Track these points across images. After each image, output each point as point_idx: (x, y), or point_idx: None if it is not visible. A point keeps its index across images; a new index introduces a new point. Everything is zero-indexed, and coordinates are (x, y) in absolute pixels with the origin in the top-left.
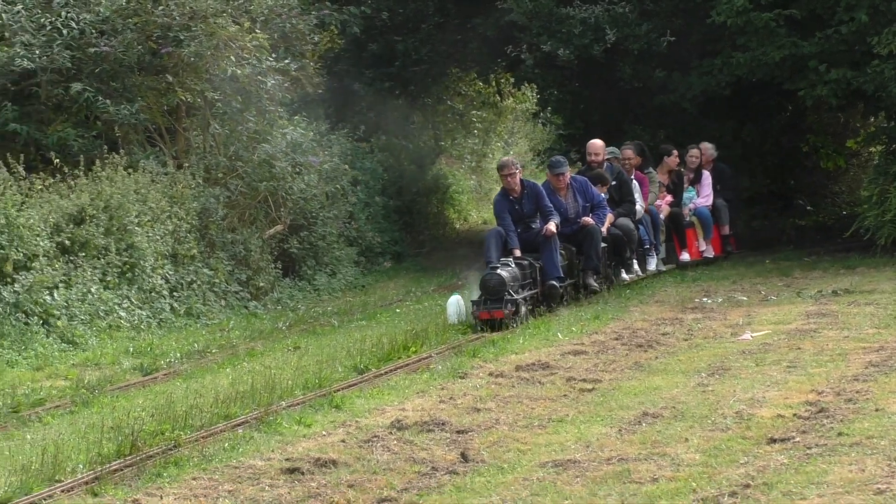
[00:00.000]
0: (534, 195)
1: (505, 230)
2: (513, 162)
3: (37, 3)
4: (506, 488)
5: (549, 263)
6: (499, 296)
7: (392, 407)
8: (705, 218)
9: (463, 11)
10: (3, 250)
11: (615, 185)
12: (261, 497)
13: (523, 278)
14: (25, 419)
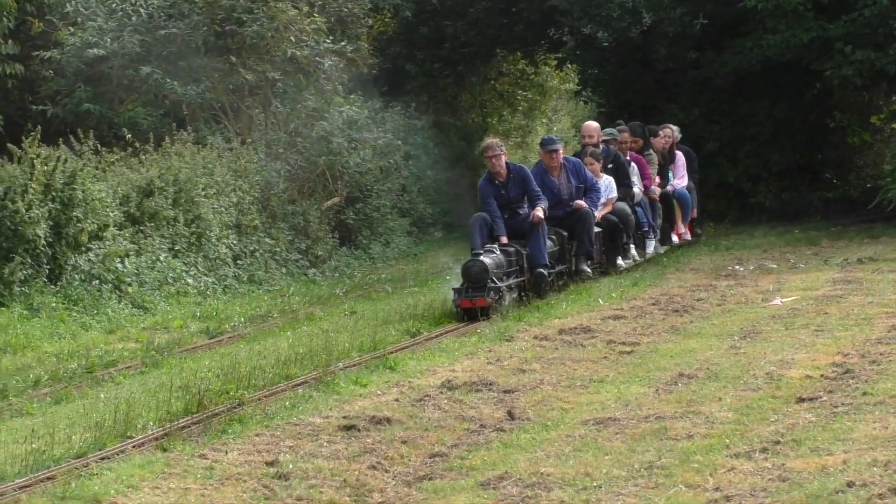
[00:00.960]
0: (520, 179)
1: (490, 216)
2: (497, 144)
3: None
4: (550, 444)
5: (537, 250)
6: (481, 283)
7: (442, 368)
8: (685, 199)
9: None
10: (79, 222)
11: (612, 167)
12: (319, 452)
13: (508, 266)
14: (99, 379)
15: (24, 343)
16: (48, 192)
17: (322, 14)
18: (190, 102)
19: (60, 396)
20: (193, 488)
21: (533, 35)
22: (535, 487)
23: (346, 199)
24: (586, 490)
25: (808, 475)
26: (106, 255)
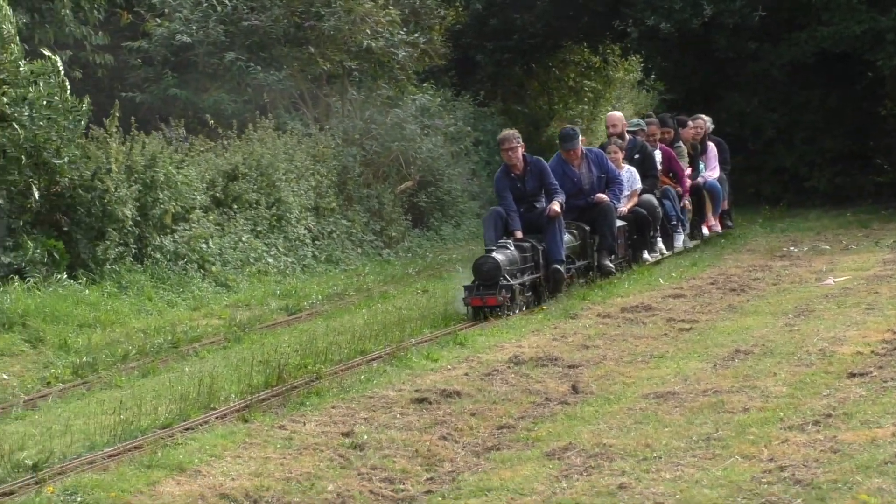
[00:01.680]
0: (538, 172)
1: (506, 210)
2: (514, 135)
3: None
4: (612, 417)
5: (553, 246)
6: (493, 281)
7: (510, 344)
8: (716, 191)
9: None
10: (164, 204)
11: (638, 159)
12: (393, 423)
13: (523, 262)
14: (184, 354)
15: (114, 319)
16: (130, 174)
17: (397, 6)
18: (271, 89)
19: (147, 370)
20: (273, 457)
21: (598, 26)
22: (598, 458)
23: (418, 183)
24: (646, 461)
25: (859, 447)
26: (191, 236)
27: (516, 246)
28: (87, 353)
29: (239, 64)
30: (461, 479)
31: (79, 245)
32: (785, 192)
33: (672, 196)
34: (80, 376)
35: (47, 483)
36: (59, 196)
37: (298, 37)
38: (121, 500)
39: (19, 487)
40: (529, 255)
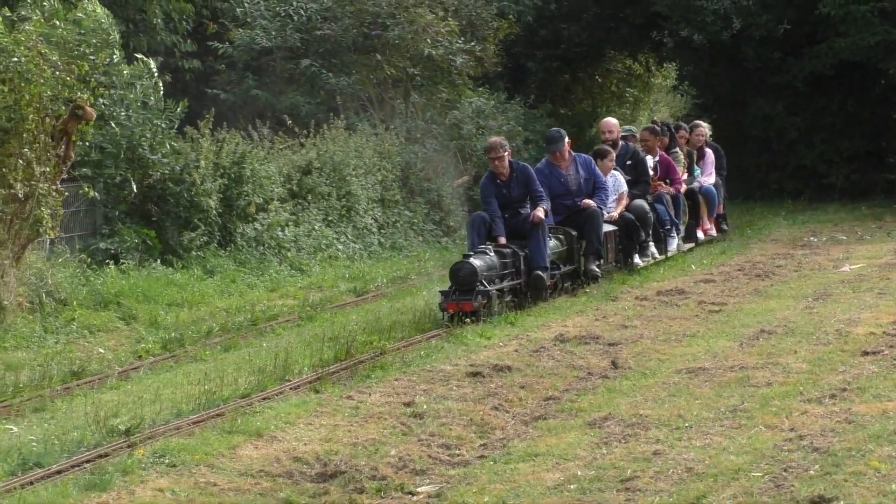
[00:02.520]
0: (524, 179)
1: (490, 216)
2: (501, 144)
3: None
4: (648, 390)
5: (536, 252)
6: (469, 286)
7: (556, 324)
8: (712, 196)
9: (616, 3)
10: (248, 196)
11: (630, 164)
12: (449, 395)
13: (503, 267)
14: (262, 330)
15: (199, 299)
16: (217, 169)
17: (455, 18)
18: (342, 93)
19: (229, 345)
20: (341, 425)
21: (637, 37)
22: (635, 427)
23: (474, 178)
24: (679, 430)
25: (871, 418)
26: (270, 224)
27: (496, 251)
28: (175, 330)
29: (313, 69)
30: (511, 446)
31: (168, 233)
32: (805, 187)
33: (666, 201)
34: (169, 350)
35: (138, 446)
36: (151, 188)
37: (366, 45)
38: (204, 463)
39: (113, 450)
40: (510, 261)
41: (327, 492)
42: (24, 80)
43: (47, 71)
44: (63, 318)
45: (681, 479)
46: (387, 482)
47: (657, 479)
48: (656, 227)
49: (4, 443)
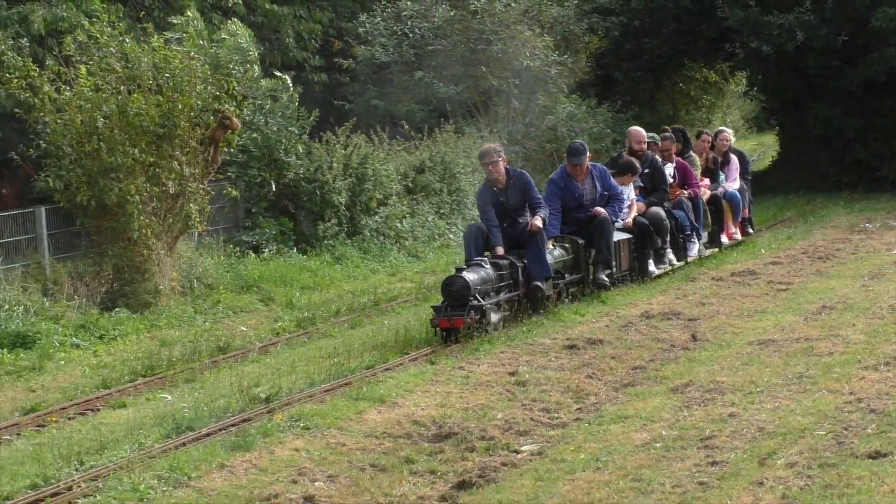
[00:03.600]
0: (521, 186)
1: (487, 225)
2: (495, 149)
3: (390, 15)
4: (724, 359)
5: (535, 262)
6: (462, 301)
7: (642, 302)
8: (736, 200)
9: (693, 19)
10: (370, 192)
11: (647, 172)
12: (549, 365)
13: (499, 280)
14: (383, 310)
15: (329, 283)
16: (346, 170)
17: (550, 34)
18: (451, 101)
19: (355, 323)
20: (454, 392)
21: (711, 49)
22: (713, 392)
23: None
24: (751, 394)
25: None
26: (389, 217)
27: (492, 263)
28: (308, 310)
29: (426, 80)
30: (603, 409)
31: (302, 225)
32: (861, 180)
33: (686, 207)
34: (303, 328)
35: (277, 412)
36: (287, 186)
37: (472, 58)
38: (334, 426)
39: (255, 416)
40: (507, 273)
41: (442, 451)
42: (178, 92)
43: (198, 85)
44: (210, 300)
45: (753, 438)
46: (494, 442)
47: (732, 437)
48: (674, 233)
49: (160, 409)
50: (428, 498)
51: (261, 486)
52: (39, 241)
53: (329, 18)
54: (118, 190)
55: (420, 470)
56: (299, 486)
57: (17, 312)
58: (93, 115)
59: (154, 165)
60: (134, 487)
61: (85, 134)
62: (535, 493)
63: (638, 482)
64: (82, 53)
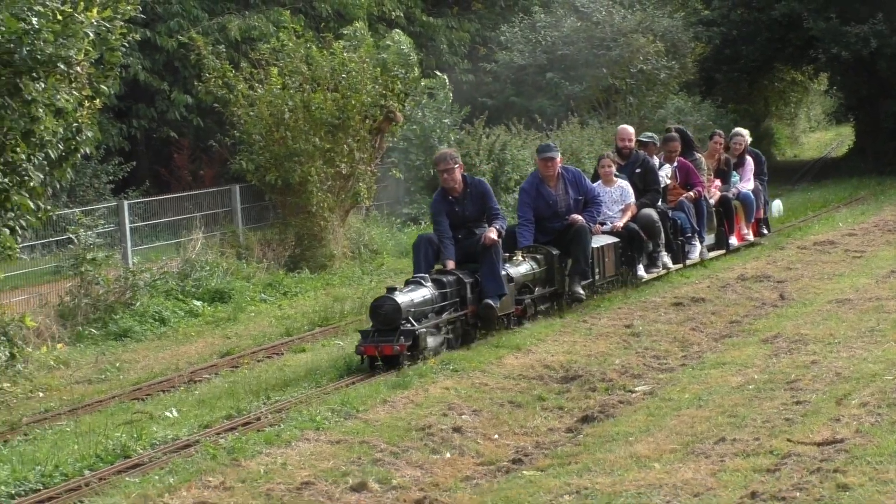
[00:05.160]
0: (479, 194)
1: (439, 237)
2: (450, 155)
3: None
4: (807, 315)
5: (488, 278)
6: (392, 325)
7: (738, 266)
8: (749, 202)
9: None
10: (509, 173)
11: (639, 172)
12: (658, 319)
13: (443, 298)
14: None
15: None
16: (490, 155)
17: (661, 41)
18: (576, 97)
19: None
20: (578, 341)
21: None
22: (797, 343)
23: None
24: (830, 345)
25: None
26: None
27: (435, 280)
28: None
29: (555, 80)
30: (705, 357)
31: None
32: None
33: (687, 209)
34: None
35: (430, 357)
36: None
37: (595, 62)
38: (478, 369)
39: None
40: (454, 290)
41: (569, 390)
42: (352, 90)
43: (368, 84)
44: (375, 263)
45: (831, 382)
46: (613, 383)
47: (814, 381)
48: (668, 236)
49: (334, 354)
50: (556, 430)
51: (417, 418)
52: (234, 213)
53: (475, 28)
54: (300, 171)
55: (550, 406)
56: (449, 418)
57: (217, 272)
58: (280, 108)
59: (330, 151)
60: (311, 418)
61: (273, 124)
62: (646, 426)
63: (733, 417)
64: (273, 57)
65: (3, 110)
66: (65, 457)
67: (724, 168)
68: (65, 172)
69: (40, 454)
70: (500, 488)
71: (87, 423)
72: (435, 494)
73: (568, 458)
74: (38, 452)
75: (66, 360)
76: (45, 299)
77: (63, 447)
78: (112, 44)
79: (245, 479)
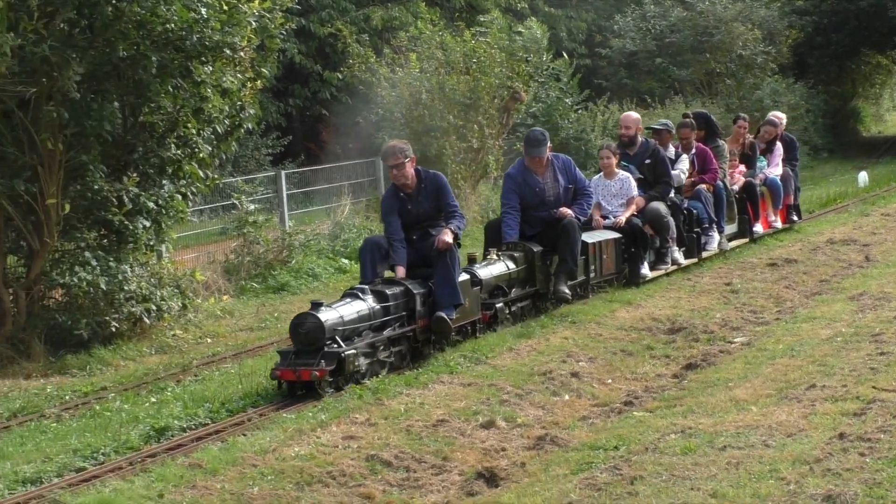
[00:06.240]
0: (434, 190)
1: (388, 239)
2: (400, 149)
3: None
4: (890, 275)
5: (443, 286)
6: (315, 346)
7: (827, 231)
8: (776, 188)
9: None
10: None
11: (649, 163)
12: (755, 278)
13: (384, 313)
14: None
15: None
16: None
17: (759, 29)
18: (682, 80)
19: None
20: (683, 297)
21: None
22: (881, 300)
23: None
24: None
25: None
26: None
27: (375, 292)
28: None
29: (663, 65)
30: (797, 312)
31: None
32: None
33: (705, 198)
34: None
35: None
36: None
37: (698, 47)
38: (593, 321)
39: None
40: (400, 303)
41: (674, 341)
42: (482, 73)
43: (496, 68)
44: None
45: None
46: (714, 334)
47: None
48: (681, 229)
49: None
50: (663, 375)
51: (539, 364)
52: (378, 182)
53: (592, 18)
54: (436, 145)
55: (657, 355)
56: (567, 364)
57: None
58: (418, 90)
59: (462, 127)
60: (446, 363)
61: (412, 104)
62: (744, 373)
63: (823, 366)
64: (412, 44)
65: (177, 90)
66: (230, 395)
67: (748, 153)
68: (230, 145)
69: (208, 393)
70: (613, 427)
71: (250, 365)
72: (555, 432)
73: (673, 401)
74: (207, 391)
75: (230, 311)
76: (212, 257)
77: (228, 387)
78: (271, 31)
79: (387, 417)
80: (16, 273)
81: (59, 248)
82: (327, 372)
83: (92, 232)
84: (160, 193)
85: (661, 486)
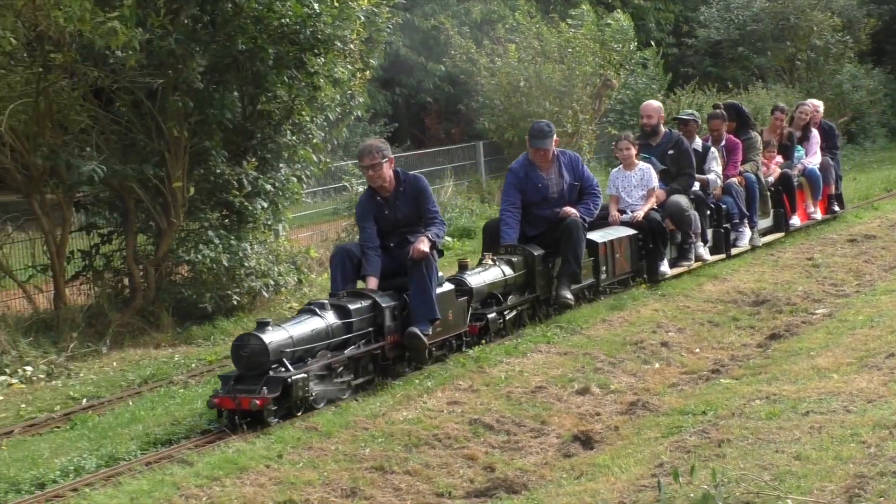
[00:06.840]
0: (413, 194)
1: (362, 246)
2: (377, 148)
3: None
4: None
5: (418, 299)
6: (259, 371)
7: None
8: (815, 178)
9: None
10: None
11: (671, 154)
12: (835, 252)
13: (345, 331)
14: None
15: None
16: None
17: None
18: (761, 66)
19: None
20: (767, 271)
21: None
22: None
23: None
24: None
25: None
26: None
27: (335, 307)
28: None
29: (745, 53)
30: (876, 285)
31: None
32: None
33: (736, 192)
34: None
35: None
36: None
37: (779, 35)
38: (682, 294)
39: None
40: (365, 318)
41: (759, 312)
42: (575, 62)
43: (589, 57)
44: None
45: None
46: (796, 306)
47: None
48: (703, 225)
49: None
50: (748, 345)
51: (631, 335)
52: (478, 165)
53: (679, 9)
54: None
55: (743, 325)
56: (657, 335)
57: (465, 214)
58: (516, 78)
59: (558, 113)
60: (543, 334)
61: (510, 91)
62: (826, 342)
63: None
64: (510, 35)
65: (292, 81)
66: None
67: (786, 143)
68: (341, 131)
69: None
70: (701, 393)
71: None
72: (646, 398)
73: (758, 369)
74: None
75: None
76: (325, 235)
77: None
78: (379, 25)
79: (489, 383)
80: (146, 251)
81: (185, 227)
82: (269, 400)
83: (215, 213)
84: (277, 177)
85: (748, 448)
